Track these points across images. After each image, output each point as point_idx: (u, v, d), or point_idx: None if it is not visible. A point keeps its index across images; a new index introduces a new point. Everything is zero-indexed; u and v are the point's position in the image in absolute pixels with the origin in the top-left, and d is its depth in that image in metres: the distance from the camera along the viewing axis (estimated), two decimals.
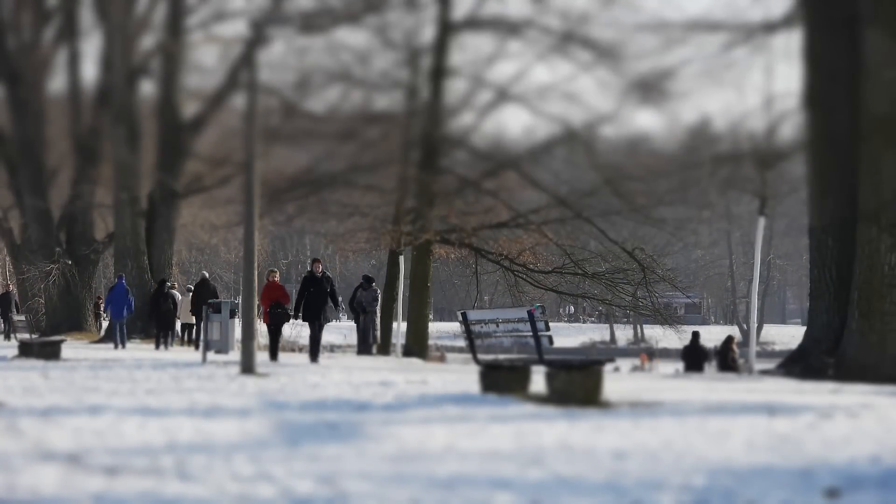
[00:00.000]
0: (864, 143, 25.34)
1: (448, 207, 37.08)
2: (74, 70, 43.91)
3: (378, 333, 31.69)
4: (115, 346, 30.42)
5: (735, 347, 32.76)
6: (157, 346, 31.72)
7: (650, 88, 36.29)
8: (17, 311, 40.60)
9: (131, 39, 41.97)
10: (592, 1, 36.57)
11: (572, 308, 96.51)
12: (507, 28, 37.00)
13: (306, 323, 24.69)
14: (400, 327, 35.57)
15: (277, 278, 25.44)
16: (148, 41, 43.03)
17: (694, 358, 34.60)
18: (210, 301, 29.62)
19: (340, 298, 31.62)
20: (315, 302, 23.84)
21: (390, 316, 35.91)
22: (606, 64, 36.37)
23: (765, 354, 61.53)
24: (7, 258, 52.18)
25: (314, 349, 23.97)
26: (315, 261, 24.93)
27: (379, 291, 31.35)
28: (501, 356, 22.19)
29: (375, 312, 30.97)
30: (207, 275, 34.94)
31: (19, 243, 44.98)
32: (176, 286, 34.72)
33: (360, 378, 16.26)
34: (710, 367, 34.10)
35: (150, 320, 33.83)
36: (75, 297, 41.26)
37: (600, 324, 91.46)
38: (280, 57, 37.70)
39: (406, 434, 9.21)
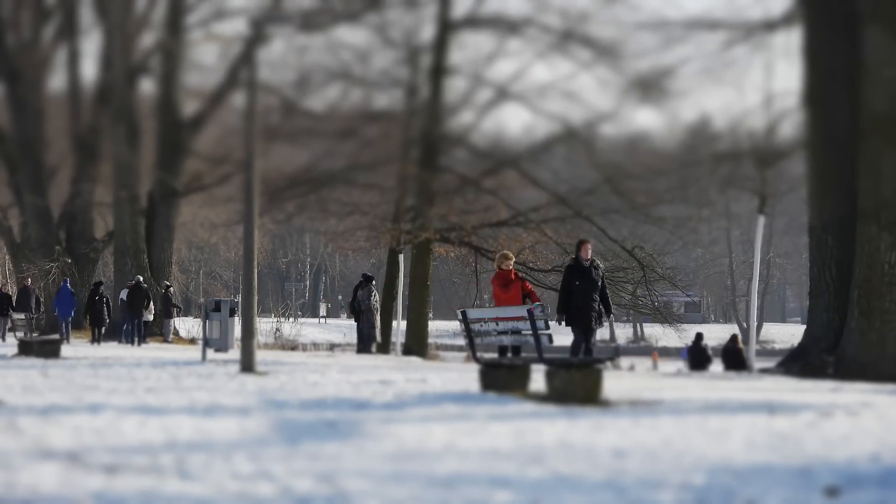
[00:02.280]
0: (863, 141, 25.34)
1: (448, 206, 37.09)
2: (74, 68, 43.93)
3: (376, 332, 31.65)
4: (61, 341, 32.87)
5: (742, 345, 32.73)
6: (93, 341, 34.68)
7: (650, 87, 36.32)
8: (40, 308, 40.34)
9: (131, 38, 41.97)
10: None
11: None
12: (507, 26, 37.03)
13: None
14: (400, 326, 35.56)
15: (512, 265, 19.91)
16: (148, 39, 43.08)
17: (696, 358, 34.64)
18: (142, 302, 35.21)
19: (376, 294, 31.34)
20: (584, 299, 18.19)
21: (390, 314, 35.89)
22: (606, 62, 36.41)
23: (764, 353, 61.57)
24: (7, 256, 52.16)
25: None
26: (582, 242, 18.80)
27: (374, 290, 31.28)
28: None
29: (371, 311, 30.89)
30: (142, 279, 37.75)
31: (19, 242, 45.01)
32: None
33: (360, 377, 16.26)
34: (713, 368, 34.08)
35: (85, 318, 37.16)
36: (75, 295, 41.28)
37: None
38: (280, 55, 37.73)
39: (406, 432, 9.21)
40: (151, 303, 37.10)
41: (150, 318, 37.79)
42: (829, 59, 26.13)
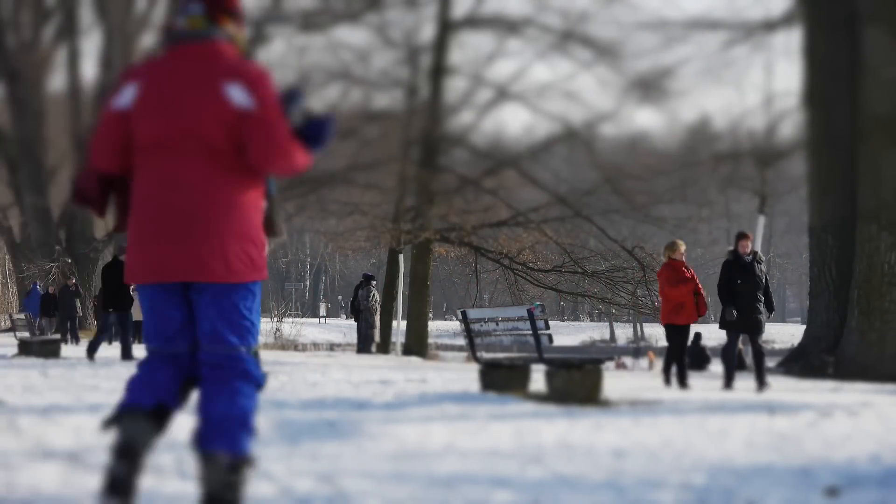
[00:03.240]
0: (863, 141, 25.37)
1: (448, 206, 37.09)
2: (74, 68, 43.99)
3: (375, 332, 31.64)
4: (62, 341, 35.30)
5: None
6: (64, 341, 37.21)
7: (650, 87, 36.36)
8: (82, 307, 39.51)
9: (131, 38, 41.98)
10: None
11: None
12: (507, 26, 37.04)
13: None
14: (400, 326, 35.55)
15: (683, 253, 17.04)
16: (148, 39, 43.08)
17: (695, 358, 34.64)
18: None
19: (375, 294, 31.28)
20: (747, 299, 15.86)
21: (390, 314, 35.88)
22: (606, 62, 36.45)
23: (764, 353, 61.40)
24: (7, 256, 52.18)
25: (729, 374, 16.04)
26: (742, 236, 16.31)
27: (373, 290, 31.31)
28: (501, 355, 22.20)
29: (369, 310, 30.91)
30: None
31: (19, 241, 45.06)
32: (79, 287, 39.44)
33: (360, 376, 16.25)
34: (712, 367, 34.09)
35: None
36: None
37: (600, 322, 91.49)
38: (280, 55, 37.72)
39: (406, 432, 9.21)
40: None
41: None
42: (829, 59, 26.15)
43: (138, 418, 5.23)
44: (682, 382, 15.89)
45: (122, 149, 5.21)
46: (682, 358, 16.40)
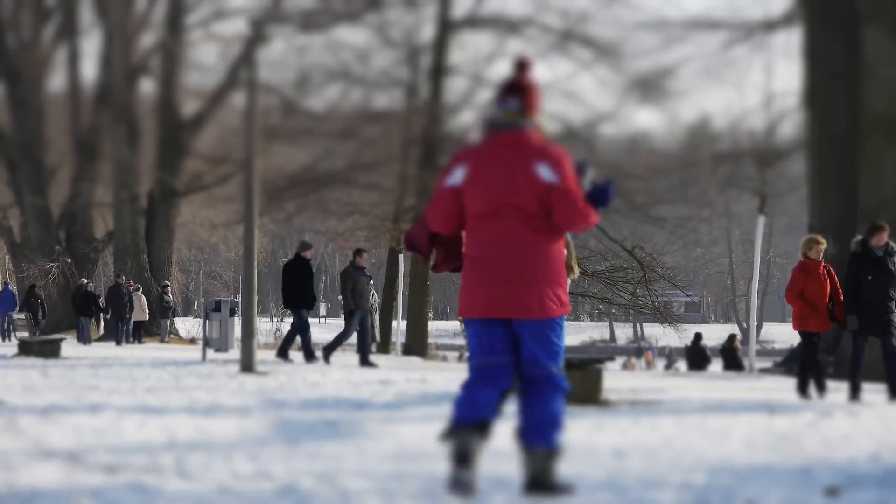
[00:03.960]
0: (863, 141, 25.37)
1: None
2: (74, 68, 43.92)
3: (375, 332, 31.58)
4: (3, 339, 36.63)
5: (738, 345, 32.73)
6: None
7: (650, 87, 36.37)
8: (130, 308, 38.18)
9: (131, 37, 41.97)
10: None
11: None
12: (507, 26, 37.05)
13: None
14: (400, 326, 35.55)
15: (821, 252, 15.32)
16: (148, 39, 43.08)
17: (694, 358, 34.63)
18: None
19: (374, 294, 31.19)
20: (876, 297, 14.01)
21: (390, 315, 35.86)
22: (606, 62, 36.47)
23: (765, 353, 61.52)
24: (7, 256, 52.17)
25: (855, 384, 14.24)
26: (877, 227, 14.20)
27: (372, 290, 31.22)
28: None
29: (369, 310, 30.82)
30: (86, 281, 38.46)
31: (19, 241, 45.00)
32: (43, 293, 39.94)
33: (360, 376, 16.25)
34: (712, 367, 34.09)
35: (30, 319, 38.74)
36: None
37: (600, 322, 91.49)
38: (280, 55, 37.68)
39: (406, 432, 9.21)
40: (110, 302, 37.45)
41: (144, 318, 37.41)
42: (829, 58, 26.15)
43: (467, 431, 6.48)
44: (821, 387, 14.51)
45: (454, 216, 6.63)
46: (815, 367, 14.72)
